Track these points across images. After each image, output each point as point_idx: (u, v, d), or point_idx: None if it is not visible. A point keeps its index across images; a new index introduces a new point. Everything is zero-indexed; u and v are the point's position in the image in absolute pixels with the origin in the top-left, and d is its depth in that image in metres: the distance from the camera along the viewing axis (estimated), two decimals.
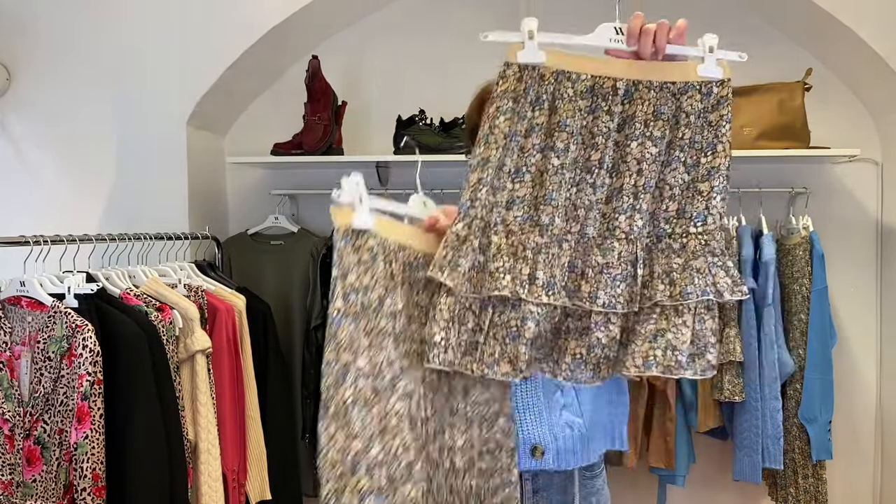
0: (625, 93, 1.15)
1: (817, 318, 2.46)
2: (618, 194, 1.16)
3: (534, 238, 1.14)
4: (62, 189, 2.70)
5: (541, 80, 1.14)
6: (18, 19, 2.67)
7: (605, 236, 1.16)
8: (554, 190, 1.14)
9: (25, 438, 1.71)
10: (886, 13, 2.45)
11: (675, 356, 1.13)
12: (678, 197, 1.17)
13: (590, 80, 1.14)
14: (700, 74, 1.16)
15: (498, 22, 2.75)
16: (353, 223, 1.01)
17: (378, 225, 1.03)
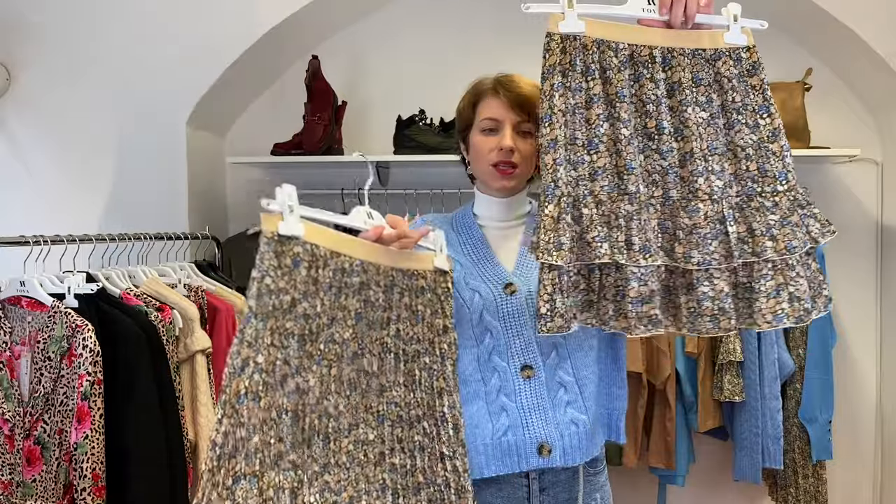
0: (662, 60, 1.22)
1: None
2: (690, 158, 1.23)
3: (624, 206, 1.21)
4: (62, 189, 2.70)
5: (584, 49, 1.20)
6: (18, 19, 2.67)
7: (689, 198, 1.24)
8: (632, 159, 1.21)
9: (25, 438, 1.71)
10: (886, 13, 2.45)
11: (802, 305, 1.23)
12: (753, 157, 1.25)
13: (628, 49, 1.21)
14: (727, 41, 1.23)
15: (498, 22, 2.77)
16: (280, 230, 1.07)
17: (310, 233, 1.10)
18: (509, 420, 1.45)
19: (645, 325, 1.21)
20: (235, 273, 2.67)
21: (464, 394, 1.48)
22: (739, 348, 2.42)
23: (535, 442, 1.44)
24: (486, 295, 1.47)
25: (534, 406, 1.45)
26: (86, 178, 2.68)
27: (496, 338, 1.46)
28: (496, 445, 1.46)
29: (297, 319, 1.10)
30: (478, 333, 1.47)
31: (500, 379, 1.46)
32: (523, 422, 1.44)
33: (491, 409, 1.47)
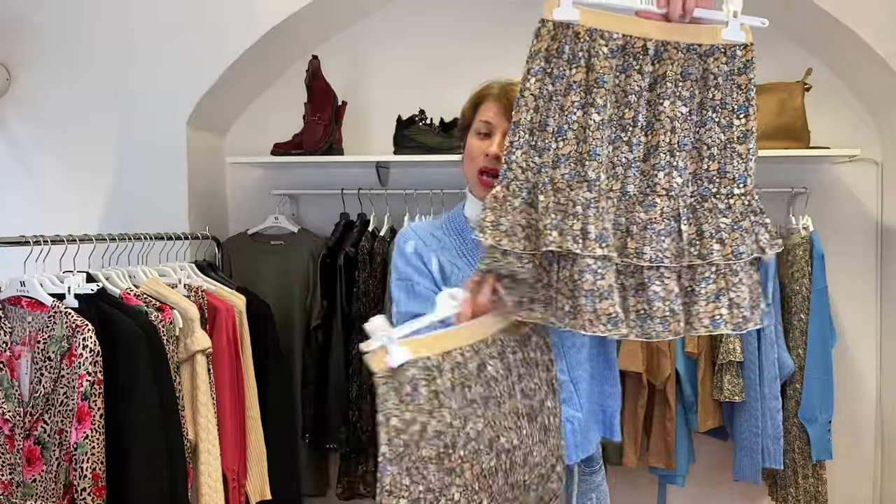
0: (654, 53, 1.20)
1: (817, 318, 2.46)
2: (654, 152, 1.21)
3: (582, 194, 1.18)
4: (62, 189, 2.70)
5: (575, 37, 1.19)
6: (18, 19, 2.67)
7: (647, 193, 1.22)
8: (597, 145, 1.18)
9: (25, 438, 1.71)
10: (886, 13, 2.45)
11: (741, 312, 1.20)
12: (717, 156, 1.23)
13: (621, 39, 1.19)
14: (724, 38, 1.21)
15: (498, 22, 2.76)
16: (389, 363, 1.08)
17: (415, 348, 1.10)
18: None
19: (604, 324, 1.15)
20: (235, 273, 2.67)
21: None
22: (739, 348, 2.42)
23: None
24: None
25: None
26: (86, 178, 2.68)
27: None
28: None
29: (430, 442, 1.10)
30: None
31: None
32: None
33: None
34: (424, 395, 1.10)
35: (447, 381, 1.13)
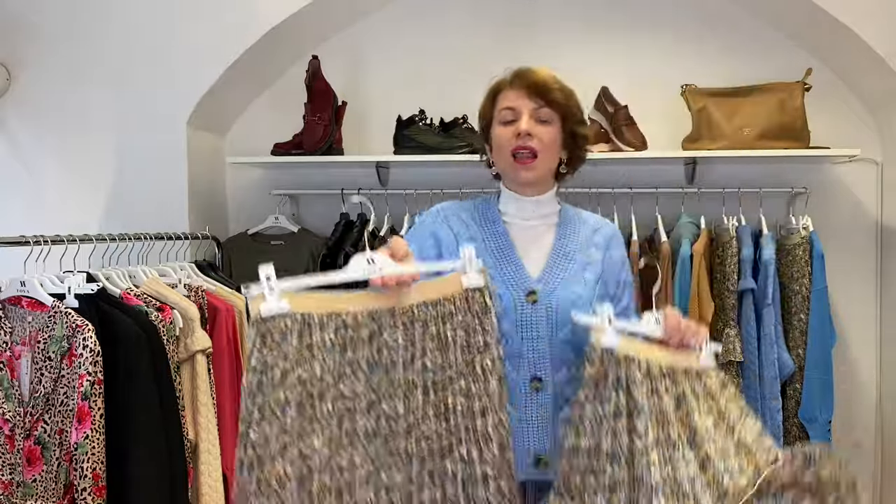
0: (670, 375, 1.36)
1: (817, 318, 2.45)
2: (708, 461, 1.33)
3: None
4: (62, 189, 2.70)
5: (617, 364, 1.29)
6: (18, 19, 2.67)
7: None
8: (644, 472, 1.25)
9: (26, 438, 1.71)
10: (886, 13, 2.45)
11: None
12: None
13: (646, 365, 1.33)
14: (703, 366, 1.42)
15: (498, 22, 2.77)
16: (261, 312, 1.16)
17: (299, 304, 1.18)
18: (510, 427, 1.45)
19: None
20: (235, 273, 2.67)
21: None
22: (739, 348, 2.42)
23: (533, 454, 1.44)
24: (506, 301, 1.45)
25: (537, 419, 1.44)
26: (86, 178, 2.68)
27: (510, 345, 1.44)
28: None
29: (291, 388, 1.16)
30: None
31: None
32: (521, 431, 1.43)
33: None
34: (294, 346, 1.17)
35: (327, 338, 1.20)
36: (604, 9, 2.77)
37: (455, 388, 1.27)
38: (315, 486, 1.18)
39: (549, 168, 1.53)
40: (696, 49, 2.74)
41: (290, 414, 1.16)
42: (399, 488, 1.23)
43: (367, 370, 1.22)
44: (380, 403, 1.23)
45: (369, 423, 1.22)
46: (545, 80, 1.49)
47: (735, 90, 2.58)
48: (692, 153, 2.56)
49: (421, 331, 1.26)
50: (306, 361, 1.18)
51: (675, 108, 2.65)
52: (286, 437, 1.16)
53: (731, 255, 2.46)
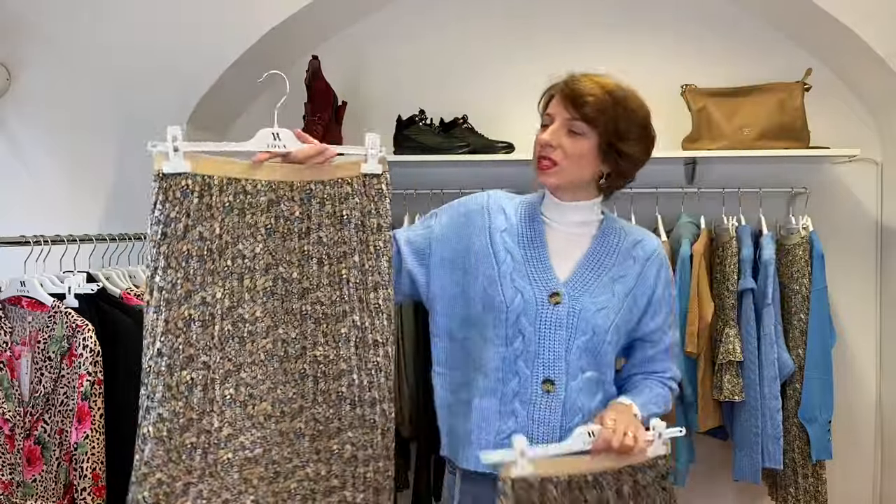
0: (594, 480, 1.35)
1: (817, 317, 2.45)
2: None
3: None
4: (62, 189, 2.70)
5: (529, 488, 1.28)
6: (18, 19, 2.66)
7: None
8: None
9: (26, 438, 1.71)
10: (886, 13, 2.44)
11: None
12: None
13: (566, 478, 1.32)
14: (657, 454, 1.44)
15: (498, 22, 2.77)
16: (164, 168, 1.26)
17: (201, 166, 1.27)
18: (516, 426, 1.44)
19: None
20: None
21: (482, 387, 1.47)
22: (739, 348, 2.42)
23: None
24: (528, 299, 1.45)
25: (545, 420, 1.44)
26: (86, 178, 2.68)
27: (526, 343, 1.44)
28: (497, 445, 1.45)
29: (192, 242, 1.27)
30: (510, 334, 1.46)
31: (519, 384, 1.45)
32: (529, 432, 1.43)
33: (502, 409, 1.46)
34: (194, 204, 1.27)
35: (225, 201, 1.29)
36: (604, 9, 2.77)
37: (349, 263, 1.40)
38: (217, 330, 1.29)
39: (575, 179, 1.50)
40: (696, 49, 2.74)
41: (192, 265, 1.26)
42: (294, 342, 1.37)
43: (264, 234, 1.33)
44: (277, 267, 1.34)
45: (268, 283, 1.33)
46: (581, 92, 1.46)
47: (735, 90, 2.58)
48: (692, 153, 2.56)
49: (318, 207, 1.38)
50: (206, 220, 1.27)
51: (675, 108, 2.65)
52: (189, 285, 1.26)
53: (731, 255, 2.46)
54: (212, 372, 1.29)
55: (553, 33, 2.75)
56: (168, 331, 1.25)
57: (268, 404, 1.35)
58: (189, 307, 1.27)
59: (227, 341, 1.31)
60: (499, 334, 1.46)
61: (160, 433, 1.26)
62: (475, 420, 1.47)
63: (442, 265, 1.54)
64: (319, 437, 1.42)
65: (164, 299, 1.25)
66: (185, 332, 1.27)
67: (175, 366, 1.26)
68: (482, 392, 1.47)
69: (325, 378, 1.41)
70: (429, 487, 2.58)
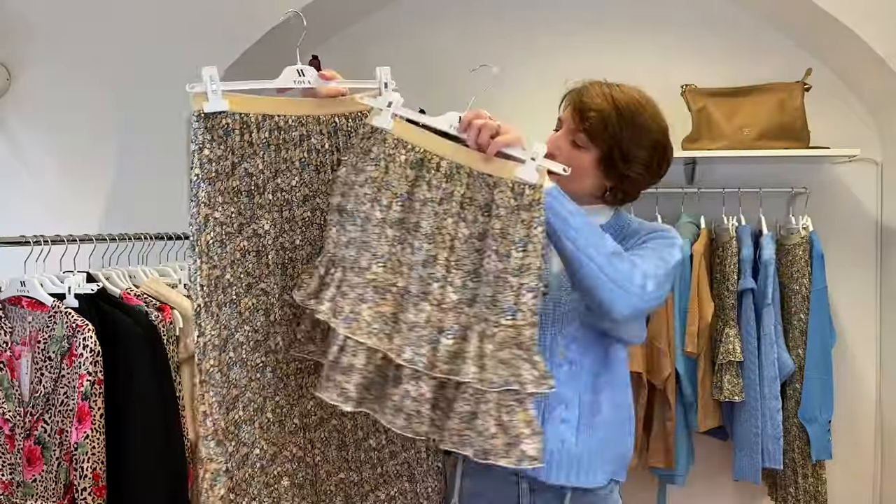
0: (447, 171, 1.31)
1: (817, 317, 2.46)
2: (433, 262, 1.28)
3: (357, 279, 1.28)
4: (62, 189, 2.70)
5: (383, 142, 1.33)
6: (18, 19, 2.67)
7: (420, 298, 1.28)
8: (374, 239, 1.28)
9: (26, 438, 1.71)
10: (886, 13, 2.45)
11: (490, 441, 1.21)
12: (492, 284, 1.26)
13: (421, 153, 1.33)
14: (516, 175, 1.28)
15: (498, 23, 2.77)
16: (205, 108, 1.26)
17: (237, 104, 1.29)
18: None
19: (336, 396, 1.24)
20: None
21: None
22: (739, 348, 2.42)
23: None
24: None
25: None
26: (86, 178, 2.68)
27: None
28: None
29: (241, 179, 1.31)
30: None
31: None
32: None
33: None
34: (237, 141, 1.28)
35: (262, 138, 1.32)
36: (604, 9, 2.77)
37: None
38: (269, 258, 1.36)
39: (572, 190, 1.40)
40: (696, 49, 2.74)
41: (242, 200, 1.31)
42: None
43: (299, 168, 1.38)
44: (314, 198, 1.40)
45: (306, 213, 1.40)
46: (588, 105, 1.43)
47: (735, 90, 2.58)
48: (692, 153, 2.56)
49: (344, 140, 1.43)
50: (249, 157, 1.31)
51: (675, 108, 2.65)
52: (242, 219, 1.32)
53: (731, 255, 2.46)
54: (269, 297, 1.38)
55: (553, 33, 2.75)
56: (233, 262, 1.31)
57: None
58: (243, 238, 1.33)
59: (276, 269, 1.38)
60: None
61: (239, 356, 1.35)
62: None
63: None
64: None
65: (224, 232, 1.30)
66: (243, 262, 1.33)
67: (241, 293, 1.34)
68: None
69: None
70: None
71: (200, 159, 1.26)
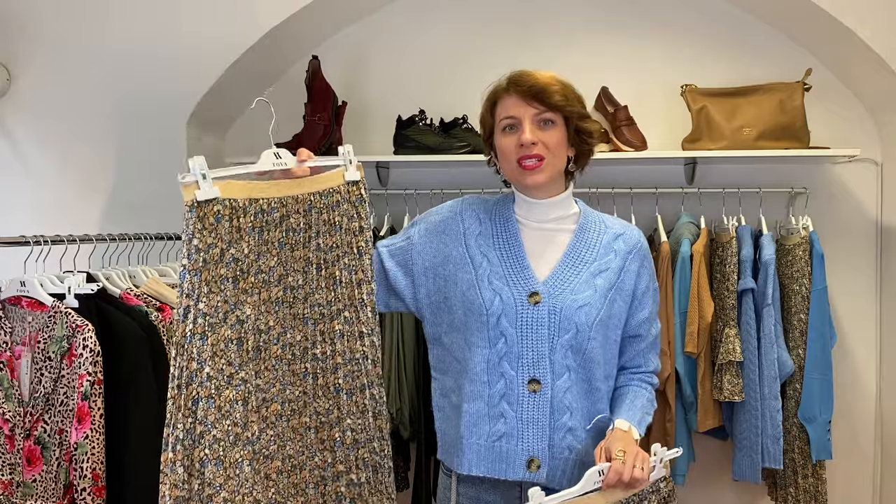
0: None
1: (817, 317, 2.46)
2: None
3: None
4: (62, 189, 2.70)
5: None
6: (18, 19, 2.66)
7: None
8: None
9: (26, 438, 1.71)
10: (886, 13, 2.45)
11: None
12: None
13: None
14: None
15: (498, 22, 2.77)
16: (197, 197, 1.27)
17: (226, 190, 1.31)
18: (506, 427, 1.45)
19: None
20: None
21: (468, 391, 1.48)
22: (739, 348, 2.42)
23: (525, 454, 1.44)
24: (507, 300, 1.45)
25: (533, 420, 1.44)
26: (86, 178, 2.68)
27: (509, 345, 1.44)
28: (489, 448, 1.45)
29: (228, 265, 1.32)
30: (492, 336, 1.46)
31: (505, 386, 1.45)
32: (518, 432, 1.44)
33: (491, 412, 1.46)
34: (226, 228, 1.31)
35: (248, 222, 1.35)
36: (604, 9, 2.77)
37: (341, 264, 1.51)
38: (249, 345, 1.37)
39: (559, 169, 1.51)
40: (697, 49, 2.74)
41: (228, 287, 1.33)
42: (299, 344, 1.47)
43: (277, 248, 1.41)
44: (287, 277, 1.43)
45: (279, 293, 1.42)
46: (543, 84, 1.46)
47: (735, 90, 2.58)
48: (692, 153, 2.56)
49: (316, 216, 1.47)
50: (236, 242, 1.33)
51: (675, 108, 2.65)
52: (227, 307, 1.33)
53: (731, 255, 2.46)
54: (247, 385, 1.37)
55: (553, 33, 2.75)
56: (215, 354, 1.30)
57: (278, 404, 1.44)
58: (227, 327, 1.33)
59: (255, 354, 1.39)
60: (481, 338, 1.46)
61: (216, 454, 1.31)
62: (465, 424, 1.47)
63: (425, 273, 1.55)
64: (322, 428, 1.52)
65: (208, 324, 1.29)
66: (225, 353, 1.33)
67: (222, 386, 1.32)
68: (469, 396, 1.47)
69: (324, 373, 1.51)
70: (428, 487, 2.58)
71: (189, 250, 1.27)
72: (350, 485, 1.55)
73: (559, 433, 1.44)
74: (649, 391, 1.61)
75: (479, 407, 1.46)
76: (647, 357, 1.62)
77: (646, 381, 1.61)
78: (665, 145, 2.67)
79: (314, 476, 1.51)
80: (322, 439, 1.52)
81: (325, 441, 1.52)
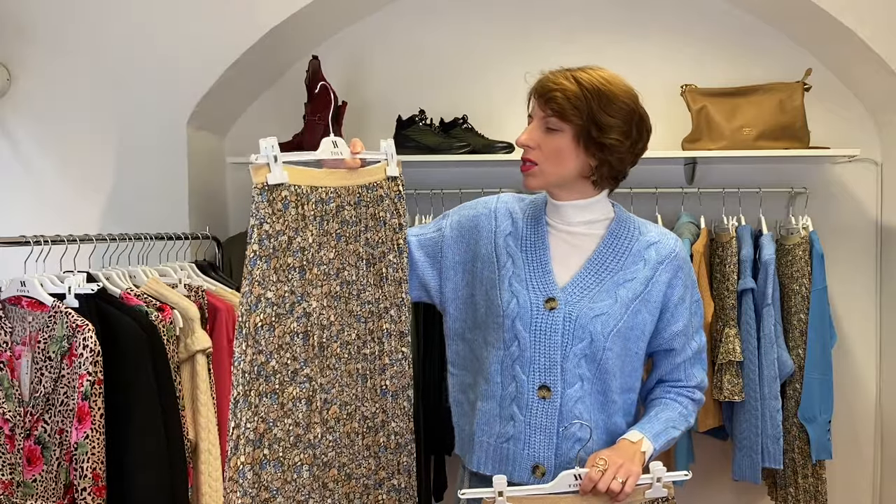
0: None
1: (817, 317, 2.46)
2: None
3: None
4: (62, 189, 2.70)
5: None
6: (18, 19, 2.66)
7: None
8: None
9: (26, 438, 1.71)
10: (886, 13, 2.45)
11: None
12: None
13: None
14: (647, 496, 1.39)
15: (498, 23, 2.77)
16: (268, 180, 1.23)
17: (291, 176, 1.27)
18: (514, 430, 1.44)
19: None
20: (235, 273, 2.67)
21: (483, 389, 1.48)
22: (739, 348, 2.42)
23: (531, 460, 1.43)
24: (523, 303, 1.44)
25: (541, 427, 1.43)
26: (86, 178, 2.68)
27: (522, 348, 1.43)
28: (496, 449, 1.46)
29: (294, 254, 1.28)
30: (507, 338, 1.45)
31: (516, 389, 1.44)
32: (526, 437, 1.43)
33: (502, 413, 1.46)
34: (292, 215, 1.27)
35: (311, 210, 1.31)
36: (603, 9, 2.77)
37: (386, 262, 1.47)
38: (314, 340, 1.33)
39: (556, 177, 1.45)
40: (696, 49, 2.74)
41: (295, 277, 1.28)
42: (353, 343, 1.42)
43: (335, 240, 1.37)
44: (343, 271, 1.39)
45: (337, 288, 1.38)
46: (549, 87, 1.43)
47: (735, 90, 2.58)
48: (692, 153, 2.57)
49: (364, 210, 1.43)
50: (302, 231, 1.29)
51: (674, 108, 2.65)
52: (293, 297, 1.28)
53: (731, 254, 2.46)
54: (311, 383, 1.31)
55: (553, 33, 2.75)
56: (281, 346, 1.25)
57: (337, 407, 1.38)
58: (293, 319, 1.28)
59: (319, 350, 1.34)
60: (497, 338, 1.46)
61: (276, 454, 1.26)
62: (478, 422, 1.48)
63: (454, 268, 1.54)
64: (368, 433, 1.45)
65: (275, 314, 1.24)
66: (290, 347, 1.28)
67: (286, 382, 1.27)
68: (484, 395, 1.47)
69: (372, 374, 1.45)
70: (429, 487, 2.58)
71: (259, 235, 1.21)
72: (391, 490, 1.48)
73: (567, 442, 1.43)
74: (684, 406, 1.52)
75: (492, 406, 1.46)
76: (688, 371, 1.55)
77: (685, 394, 1.54)
78: (665, 145, 2.67)
79: (359, 485, 1.44)
80: (367, 445, 1.45)
81: (370, 447, 1.45)
